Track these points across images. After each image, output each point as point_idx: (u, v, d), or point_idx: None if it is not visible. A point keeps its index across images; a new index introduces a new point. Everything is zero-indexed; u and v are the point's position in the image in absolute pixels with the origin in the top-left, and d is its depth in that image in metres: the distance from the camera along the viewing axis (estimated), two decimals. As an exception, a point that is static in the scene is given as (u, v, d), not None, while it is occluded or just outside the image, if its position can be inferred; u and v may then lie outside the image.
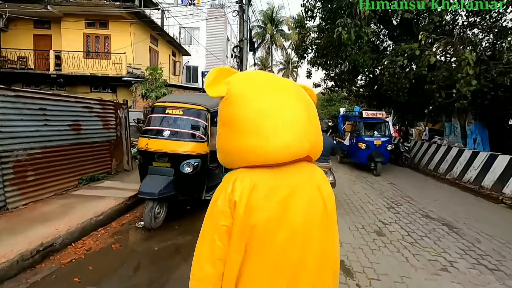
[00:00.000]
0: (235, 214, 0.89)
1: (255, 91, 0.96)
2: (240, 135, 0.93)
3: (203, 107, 4.36)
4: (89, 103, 5.42)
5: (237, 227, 0.89)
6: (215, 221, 0.92)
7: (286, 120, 0.92)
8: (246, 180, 0.92)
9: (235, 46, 11.01)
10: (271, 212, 0.90)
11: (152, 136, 4.18)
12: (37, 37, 15.80)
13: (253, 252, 0.90)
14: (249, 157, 0.93)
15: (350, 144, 10.14)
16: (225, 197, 0.92)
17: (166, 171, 4.06)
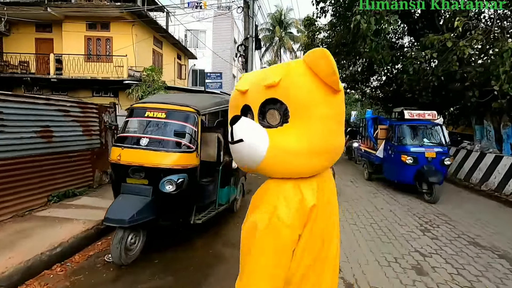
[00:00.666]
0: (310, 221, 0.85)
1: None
2: (339, 133, 0.92)
3: (191, 109, 3.49)
4: (65, 105, 4.63)
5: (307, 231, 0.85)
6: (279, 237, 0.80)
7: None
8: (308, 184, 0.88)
9: (240, 45, 10.19)
10: (326, 210, 0.92)
11: (127, 145, 3.33)
12: (38, 41, 15.43)
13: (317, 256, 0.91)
14: (333, 157, 0.92)
15: (385, 156, 7.46)
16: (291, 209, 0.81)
17: (143, 189, 3.19)
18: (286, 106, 0.85)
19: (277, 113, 0.86)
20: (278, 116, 0.86)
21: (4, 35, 15.12)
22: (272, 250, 0.80)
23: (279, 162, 0.85)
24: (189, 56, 22.55)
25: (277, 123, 0.86)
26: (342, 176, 8.72)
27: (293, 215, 0.81)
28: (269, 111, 0.87)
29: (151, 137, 3.33)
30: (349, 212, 5.34)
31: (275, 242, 0.80)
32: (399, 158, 6.65)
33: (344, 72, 14.57)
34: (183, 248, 3.55)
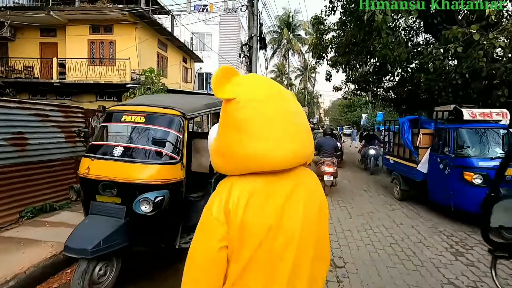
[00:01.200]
0: (231, 223, 0.85)
1: (264, 96, 0.93)
2: (250, 139, 0.89)
3: (176, 111, 2.93)
4: (43, 109, 4.15)
5: (234, 236, 0.86)
6: (210, 229, 0.87)
7: (292, 127, 0.93)
8: (242, 188, 0.89)
9: (244, 45, 9.67)
10: (269, 220, 0.88)
11: (98, 155, 2.78)
12: (43, 46, 15.32)
13: (249, 260, 0.87)
14: (255, 163, 0.89)
15: (431, 171, 5.59)
16: (220, 205, 0.87)
17: (114, 210, 2.64)
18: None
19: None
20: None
21: (9, 40, 15.08)
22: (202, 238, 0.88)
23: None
24: (195, 59, 22.23)
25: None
26: (355, 185, 8.03)
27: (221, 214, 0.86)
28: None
29: (126, 146, 2.78)
30: (365, 228, 4.67)
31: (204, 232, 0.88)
32: (459, 176, 4.77)
33: (354, 72, 13.86)
34: (167, 277, 2.96)
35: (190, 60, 21.59)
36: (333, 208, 5.75)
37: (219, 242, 0.84)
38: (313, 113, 47.67)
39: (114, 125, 3.02)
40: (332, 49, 12.89)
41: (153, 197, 2.52)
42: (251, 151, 0.88)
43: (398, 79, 13.54)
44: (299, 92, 46.86)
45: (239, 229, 0.85)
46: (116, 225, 2.54)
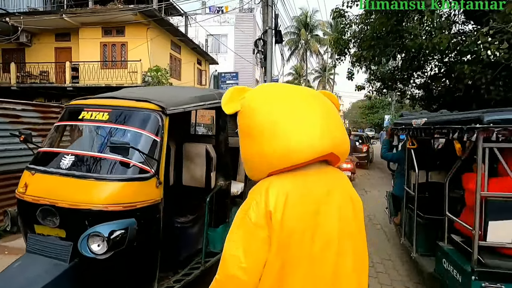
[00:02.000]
0: (273, 225, 0.85)
1: (270, 98, 0.98)
2: (262, 141, 0.93)
3: (152, 105, 2.07)
4: (12, 108, 3.46)
5: (274, 238, 0.85)
6: (249, 232, 0.87)
7: (305, 118, 0.93)
8: (278, 188, 0.89)
9: (258, 39, 8.81)
10: (306, 221, 0.88)
11: (41, 168, 1.97)
12: (58, 50, 15.29)
13: (289, 263, 0.86)
14: (274, 161, 0.92)
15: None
16: (258, 209, 0.87)
17: (56, 247, 1.81)
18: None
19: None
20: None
21: (26, 45, 15.15)
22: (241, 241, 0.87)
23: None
24: (210, 62, 21.70)
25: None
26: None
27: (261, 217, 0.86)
28: None
29: (77, 154, 1.95)
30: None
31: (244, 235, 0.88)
32: None
33: (380, 69, 12.63)
34: None
35: (204, 62, 21.08)
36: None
37: (262, 246, 0.85)
38: (332, 115, 46.05)
39: (70, 125, 2.21)
40: (355, 44, 11.78)
41: (106, 232, 1.66)
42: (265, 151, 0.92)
43: (431, 74, 12.18)
44: (317, 94, 45.47)
45: (280, 230, 0.85)
46: (56, 273, 1.71)
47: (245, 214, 0.89)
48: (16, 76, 14.24)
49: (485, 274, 1.85)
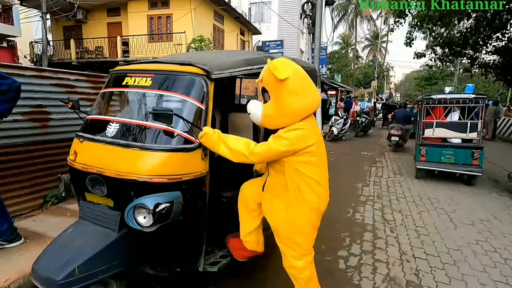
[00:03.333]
0: (310, 149, 1.69)
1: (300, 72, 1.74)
2: (304, 97, 1.68)
3: (196, 69, 1.86)
4: (67, 79, 3.56)
5: (312, 154, 1.70)
6: (278, 145, 1.64)
7: (312, 84, 1.78)
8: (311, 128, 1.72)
9: (306, 2, 8.04)
10: (317, 138, 1.74)
11: (89, 135, 1.93)
12: (110, 26, 15.96)
13: (314, 160, 1.72)
14: (306, 110, 1.70)
15: None
16: (304, 140, 1.67)
17: (105, 216, 1.78)
18: (267, 91, 1.72)
19: (267, 95, 1.74)
20: (268, 97, 1.73)
21: (82, 22, 16.07)
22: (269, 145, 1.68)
23: (268, 121, 1.75)
24: (252, 32, 20.98)
25: (268, 101, 1.74)
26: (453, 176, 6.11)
27: (290, 137, 1.64)
28: (264, 93, 1.76)
29: (121, 121, 1.85)
30: (484, 250, 3.10)
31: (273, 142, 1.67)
32: None
33: (449, 32, 10.88)
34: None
35: (247, 33, 20.44)
36: (424, 210, 4.21)
37: (283, 147, 1.63)
38: (382, 87, 42.52)
39: (114, 92, 2.12)
40: (418, 2, 10.18)
41: (152, 205, 1.56)
42: (305, 105, 1.69)
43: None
44: (367, 64, 41.99)
45: (316, 151, 1.71)
46: (105, 242, 1.68)
47: (281, 139, 1.64)
48: (76, 52, 15.30)
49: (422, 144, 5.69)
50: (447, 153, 5.45)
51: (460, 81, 32.38)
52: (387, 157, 8.13)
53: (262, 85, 1.74)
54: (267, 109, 1.71)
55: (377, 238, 3.33)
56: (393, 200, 4.66)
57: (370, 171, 6.57)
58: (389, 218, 3.92)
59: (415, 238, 3.35)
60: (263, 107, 1.73)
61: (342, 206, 4.27)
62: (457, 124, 5.65)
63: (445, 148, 5.51)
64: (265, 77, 1.70)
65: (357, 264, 2.77)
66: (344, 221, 3.76)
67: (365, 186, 5.38)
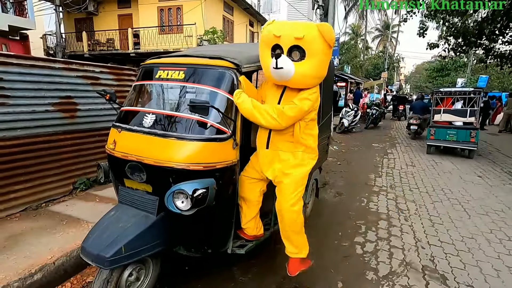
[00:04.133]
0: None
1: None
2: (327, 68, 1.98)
3: (227, 62, 1.97)
4: (92, 71, 3.71)
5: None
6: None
7: None
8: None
9: (319, -8, 7.96)
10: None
11: (126, 126, 2.06)
12: (120, 18, 16.05)
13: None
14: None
15: None
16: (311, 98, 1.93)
17: (145, 201, 1.93)
18: (304, 50, 1.80)
19: (298, 53, 1.82)
20: (298, 55, 1.83)
21: (93, 14, 16.19)
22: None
23: (299, 80, 1.87)
24: (262, 23, 20.78)
25: (297, 59, 1.83)
26: (464, 169, 6.13)
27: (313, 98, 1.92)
28: (293, 51, 1.82)
29: (158, 113, 1.98)
30: (498, 238, 3.18)
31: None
32: None
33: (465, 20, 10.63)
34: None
35: (256, 24, 20.30)
36: (438, 200, 4.27)
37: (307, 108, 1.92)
38: (392, 79, 41.77)
39: (147, 84, 2.24)
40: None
41: (191, 190, 1.69)
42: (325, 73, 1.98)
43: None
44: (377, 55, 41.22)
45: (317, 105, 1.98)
46: (146, 224, 1.83)
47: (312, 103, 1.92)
48: (88, 44, 15.49)
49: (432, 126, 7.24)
50: (451, 133, 6.98)
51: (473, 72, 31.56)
52: (399, 149, 8.15)
53: (301, 43, 1.77)
54: (303, 68, 1.80)
55: (392, 226, 3.43)
56: (406, 190, 4.73)
57: (382, 162, 6.62)
58: (403, 207, 4.01)
59: (429, 226, 3.44)
60: (296, 65, 1.80)
61: (356, 196, 4.37)
62: (459, 111, 7.41)
63: (450, 129, 7.05)
64: (310, 38, 1.76)
65: (374, 250, 2.89)
66: (359, 210, 3.86)
67: (378, 177, 5.45)
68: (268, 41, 1.88)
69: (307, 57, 1.80)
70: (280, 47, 1.83)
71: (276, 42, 1.83)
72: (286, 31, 1.80)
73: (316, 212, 3.66)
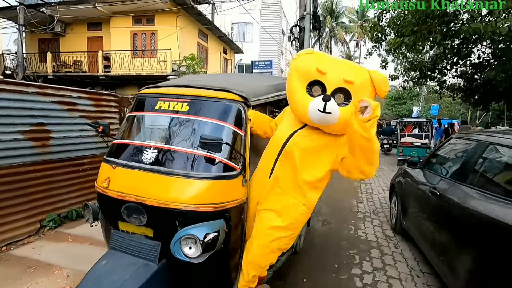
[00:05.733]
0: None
1: None
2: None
3: (234, 95, 1.90)
4: (69, 96, 3.43)
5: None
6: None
7: None
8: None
9: (294, 26, 8.43)
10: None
11: (122, 161, 1.87)
12: (90, 40, 15.59)
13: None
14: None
15: None
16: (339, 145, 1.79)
17: (144, 247, 1.71)
18: (350, 95, 1.62)
19: (342, 96, 1.63)
20: (342, 98, 1.64)
21: (60, 35, 15.54)
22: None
23: (340, 128, 1.67)
24: (235, 50, 21.41)
25: (340, 102, 1.63)
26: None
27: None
28: (337, 93, 1.63)
29: (161, 148, 1.82)
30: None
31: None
32: None
33: (421, 56, 11.84)
34: None
35: (230, 51, 20.83)
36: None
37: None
38: (357, 106, 44.50)
39: (145, 116, 2.08)
40: (392, 30, 11.05)
41: (202, 235, 1.53)
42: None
43: (476, 62, 11.30)
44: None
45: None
46: (146, 275, 1.61)
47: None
48: (52, 65, 14.67)
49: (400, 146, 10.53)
50: (413, 150, 9.80)
51: (426, 101, 34.93)
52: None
53: (349, 87, 1.59)
54: (346, 114, 1.58)
55: (384, 254, 3.43)
56: (388, 216, 4.83)
57: (360, 187, 6.79)
58: (390, 234, 4.06)
59: (418, 254, 3.49)
60: (341, 111, 1.59)
61: (343, 223, 4.37)
62: (417, 135, 10.76)
63: (412, 147, 10.03)
64: (360, 84, 1.59)
65: (373, 282, 2.84)
66: (350, 239, 3.84)
67: (360, 203, 5.55)
68: (306, 75, 1.66)
69: (353, 103, 1.59)
70: (322, 85, 1.63)
71: (318, 78, 1.62)
72: (334, 69, 1.63)
73: (308, 242, 3.57)
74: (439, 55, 10.92)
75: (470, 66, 11.85)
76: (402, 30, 10.26)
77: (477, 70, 11.78)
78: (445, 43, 9.97)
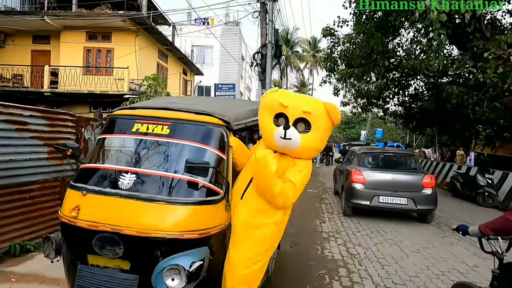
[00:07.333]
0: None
1: None
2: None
3: (217, 119, 1.92)
4: (20, 115, 3.09)
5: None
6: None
7: None
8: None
9: (256, 53, 8.84)
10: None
11: (93, 187, 1.72)
12: (35, 53, 14.32)
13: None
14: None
15: None
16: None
17: (117, 282, 1.56)
18: (310, 124, 1.94)
19: (303, 125, 1.93)
20: (303, 127, 1.94)
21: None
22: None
23: (303, 151, 1.99)
24: (195, 72, 21.45)
25: (302, 130, 1.93)
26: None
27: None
28: (299, 123, 1.94)
29: (139, 172, 1.73)
30: (435, 274, 3.61)
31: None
32: None
33: (368, 86, 13.20)
34: None
35: (190, 73, 20.80)
36: (378, 242, 4.69)
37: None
38: (310, 129, 47.01)
39: (120, 139, 1.97)
40: (343, 61, 12.24)
41: (187, 264, 1.45)
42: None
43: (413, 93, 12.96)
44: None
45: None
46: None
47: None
48: (-14, 78, 13.06)
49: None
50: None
51: (371, 126, 38.56)
52: (331, 194, 8.88)
53: (308, 117, 1.90)
54: (309, 140, 1.93)
55: (351, 272, 3.57)
56: (350, 235, 5.07)
57: (321, 207, 7.05)
58: (353, 252, 4.25)
59: (381, 269, 3.70)
60: (302, 138, 1.91)
61: (310, 244, 4.47)
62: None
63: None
64: (317, 113, 1.90)
65: (344, 301, 2.91)
66: (317, 259, 3.93)
67: (323, 223, 5.75)
68: (272, 108, 1.96)
69: (312, 130, 1.92)
70: (285, 117, 1.91)
71: (282, 111, 1.92)
72: (294, 102, 1.93)
73: (279, 265, 3.56)
74: (383, 85, 12.29)
75: (408, 96, 13.54)
76: (351, 62, 11.41)
77: (414, 100, 13.51)
78: (388, 75, 11.31)
